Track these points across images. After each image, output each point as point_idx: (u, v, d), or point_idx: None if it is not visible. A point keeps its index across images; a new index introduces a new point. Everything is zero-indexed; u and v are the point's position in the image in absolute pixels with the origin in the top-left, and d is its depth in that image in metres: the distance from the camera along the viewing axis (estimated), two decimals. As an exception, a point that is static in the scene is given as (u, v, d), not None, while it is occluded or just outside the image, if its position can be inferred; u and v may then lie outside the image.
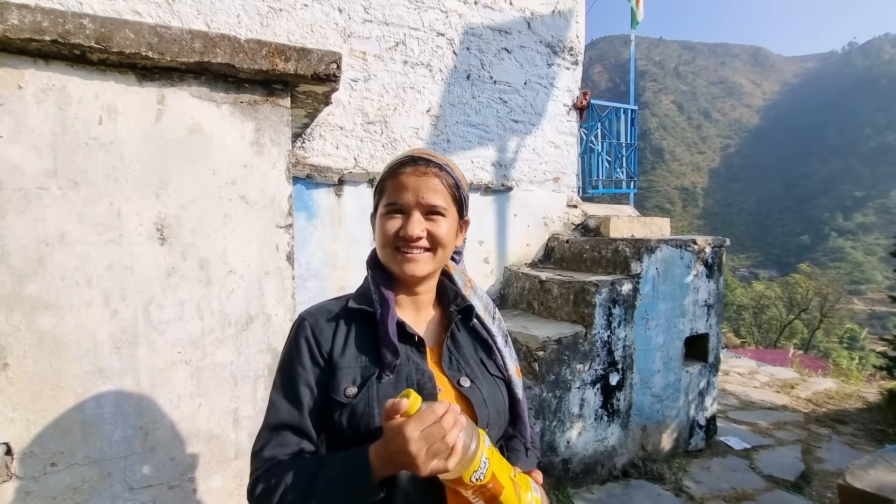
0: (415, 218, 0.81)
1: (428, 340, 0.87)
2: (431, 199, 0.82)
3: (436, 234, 0.82)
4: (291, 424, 0.78)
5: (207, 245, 1.37)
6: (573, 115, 3.96)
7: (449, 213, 0.85)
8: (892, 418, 4.11)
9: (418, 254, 0.82)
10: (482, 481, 0.66)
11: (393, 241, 0.82)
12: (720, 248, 3.56)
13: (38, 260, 1.19)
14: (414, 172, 0.82)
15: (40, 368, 1.20)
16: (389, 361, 0.79)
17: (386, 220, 0.83)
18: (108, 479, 1.28)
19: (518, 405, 0.92)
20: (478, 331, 0.92)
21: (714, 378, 3.64)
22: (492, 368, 0.90)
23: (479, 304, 0.93)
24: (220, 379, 1.41)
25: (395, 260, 0.83)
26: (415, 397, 0.65)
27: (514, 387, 0.92)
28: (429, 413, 0.63)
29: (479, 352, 0.91)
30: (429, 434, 0.62)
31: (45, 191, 1.19)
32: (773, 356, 11.33)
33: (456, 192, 0.86)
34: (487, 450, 0.68)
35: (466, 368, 0.86)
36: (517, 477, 0.74)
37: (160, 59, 1.24)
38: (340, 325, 0.84)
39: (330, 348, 0.81)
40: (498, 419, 0.86)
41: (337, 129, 3.02)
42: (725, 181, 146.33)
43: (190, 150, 1.34)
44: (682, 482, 3.07)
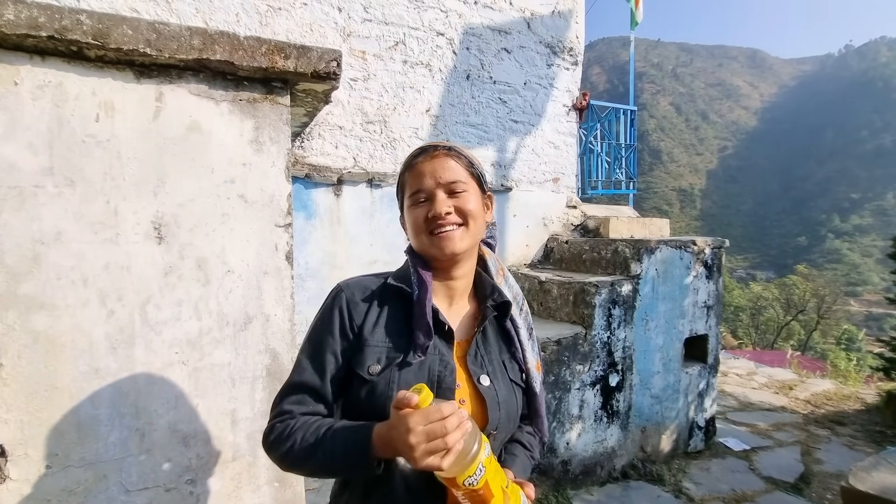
0: (440, 198, 0.83)
1: (459, 334, 0.88)
2: (450, 176, 0.84)
3: (463, 208, 0.84)
4: (312, 387, 0.82)
5: (205, 244, 1.35)
6: (573, 116, 3.96)
7: (470, 186, 0.87)
8: (891, 420, 4.11)
9: (452, 230, 0.83)
10: (474, 486, 0.68)
11: (425, 226, 0.84)
12: (719, 249, 3.56)
13: (33, 259, 1.17)
14: (427, 158, 0.86)
15: (35, 369, 1.18)
16: (422, 343, 0.80)
17: (414, 209, 0.86)
18: (103, 482, 1.26)
19: (535, 399, 0.93)
20: (506, 329, 0.92)
21: (713, 379, 3.63)
22: (512, 373, 0.89)
23: (509, 295, 0.92)
24: (218, 380, 1.39)
25: (432, 243, 0.84)
26: (427, 393, 0.67)
27: (533, 381, 0.92)
28: (435, 411, 0.65)
29: (503, 353, 0.90)
30: (430, 430, 0.64)
31: (40, 189, 1.17)
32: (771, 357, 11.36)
33: (471, 168, 0.88)
34: (486, 458, 0.70)
35: (489, 367, 0.86)
36: (509, 488, 0.75)
37: (158, 55, 1.23)
38: (375, 303, 0.86)
39: (361, 323, 0.83)
40: (508, 424, 0.87)
41: (336, 129, 3.00)
42: (723, 183, 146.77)
43: (188, 149, 1.33)
44: (682, 483, 3.07)
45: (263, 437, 0.82)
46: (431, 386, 0.79)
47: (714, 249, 3.50)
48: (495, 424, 0.82)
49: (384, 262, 3.11)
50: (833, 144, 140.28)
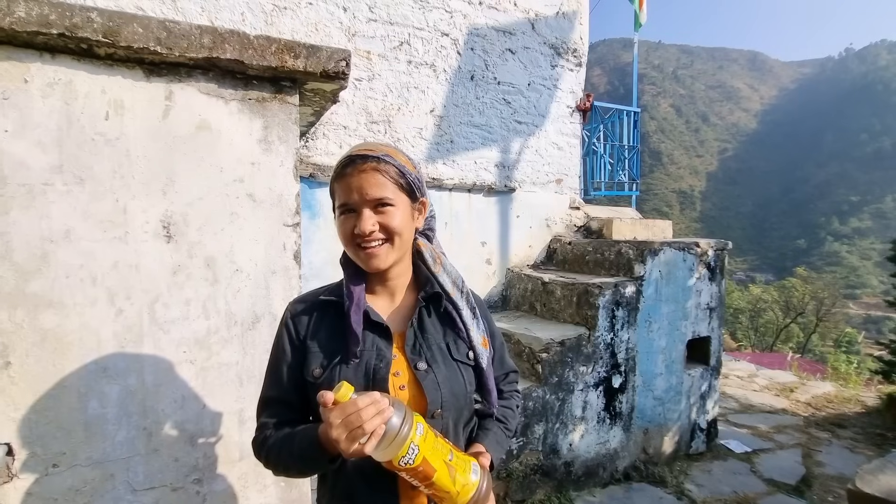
0: (365, 215, 0.86)
1: (397, 326, 0.93)
2: (375, 192, 0.86)
3: (388, 225, 0.87)
4: (276, 399, 0.92)
5: (214, 243, 1.35)
6: (576, 117, 3.95)
7: (397, 201, 0.88)
8: (892, 423, 4.11)
9: (377, 246, 0.87)
10: (411, 465, 0.74)
11: (352, 239, 0.88)
12: (722, 251, 3.56)
13: (42, 257, 1.17)
14: (354, 171, 0.86)
15: (43, 367, 1.18)
16: (352, 349, 0.87)
17: (342, 221, 0.89)
18: (110, 481, 1.26)
19: (483, 374, 0.97)
20: (449, 314, 0.96)
21: (715, 381, 3.63)
22: (456, 353, 0.94)
23: (447, 281, 0.98)
24: (226, 379, 1.39)
25: (359, 257, 0.89)
26: (345, 389, 0.73)
27: (479, 357, 0.96)
28: (350, 404, 0.71)
29: (447, 336, 0.95)
30: (347, 422, 0.70)
31: (49, 187, 1.17)
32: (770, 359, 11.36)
33: (401, 179, 0.89)
34: (420, 437, 0.75)
35: (427, 353, 0.90)
36: (454, 460, 0.79)
37: (168, 54, 1.23)
38: (315, 314, 0.93)
39: (304, 333, 0.91)
40: (455, 401, 0.90)
41: (340, 129, 3.00)
42: (723, 185, 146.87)
43: (197, 147, 1.32)
44: (684, 485, 3.07)
45: (252, 449, 0.93)
46: (368, 379, 0.86)
47: (717, 251, 3.50)
48: (437, 404, 0.87)
49: (387, 262, 3.10)
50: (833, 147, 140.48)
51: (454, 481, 0.78)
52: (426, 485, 0.77)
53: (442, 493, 0.79)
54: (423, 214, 0.98)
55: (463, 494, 0.80)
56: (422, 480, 0.77)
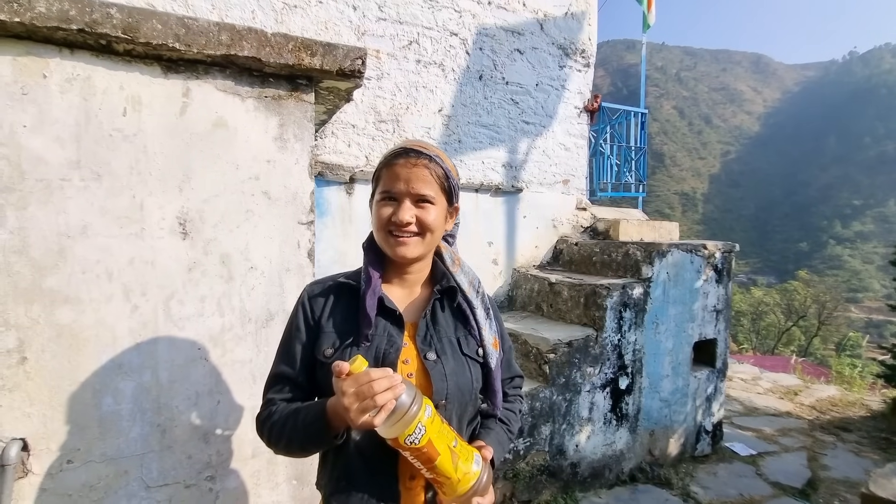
0: (405, 205, 0.89)
1: (411, 316, 0.96)
2: (421, 188, 0.89)
3: (424, 220, 0.90)
4: (286, 376, 0.93)
5: (229, 240, 1.35)
6: (584, 118, 3.95)
7: (437, 201, 0.92)
8: (898, 427, 4.10)
9: (408, 238, 0.90)
10: (416, 445, 0.74)
11: (386, 225, 0.90)
12: (730, 254, 3.55)
13: (58, 252, 1.17)
14: (406, 164, 0.90)
15: (59, 363, 1.18)
16: (364, 332, 0.89)
17: (380, 206, 0.91)
18: (124, 477, 1.26)
19: (490, 374, 0.98)
20: (462, 310, 0.99)
21: (721, 384, 3.62)
22: (466, 348, 0.96)
23: (464, 280, 1.01)
24: (239, 376, 1.39)
25: (388, 243, 0.91)
26: (360, 362, 0.74)
27: (489, 357, 0.97)
28: (364, 375, 0.72)
29: (458, 331, 0.97)
30: (360, 392, 0.71)
31: (67, 182, 1.17)
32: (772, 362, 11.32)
33: (445, 182, 0.93)
34: (428, 419, 0.75)
35: (437, 345, 0.92)
36: (458, 448, 0.80)
37: (187, 50, 1.23)
38: (332, 297, 0.96)
39: (319, 315, 0.94)
40: (460, 396, 0.92)
41: (349, 127, 3.00)
42: (725, 187, 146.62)
43: (214, 144, 1.32)
44: (690, 488, 3.06)
45: (256, 425, 0.94)
46: (377, 363, 0.87)
47: (724, 254, 3.49)
48: (443, 395, 0.89)
49: (394, 262, 3.10)
50: (836, 150, 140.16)
51: (456, 468, 0.78)
52: (428, 468, 0.77)
53: (442, 479, 0.79)
54: (453, 220, 1.02)
55: (463, 482, 0.80)
56: (424, 463, 0.77)
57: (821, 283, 35.15)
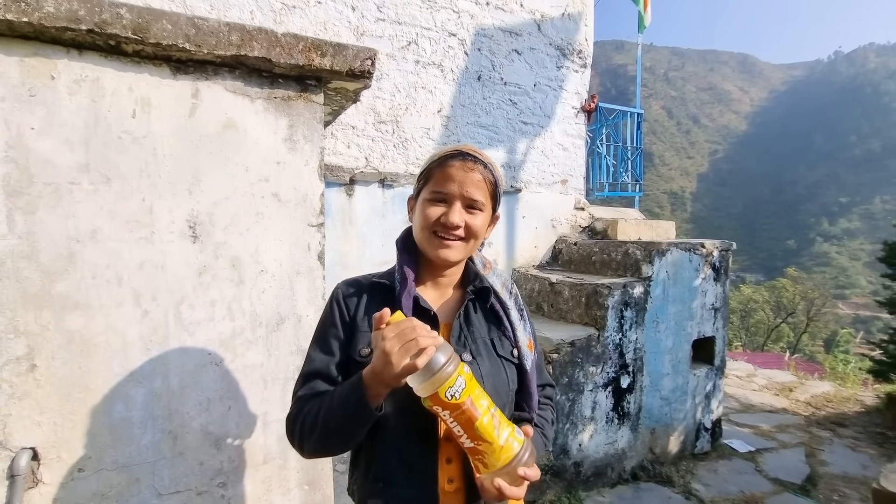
0: (456, 208, 0.89)
1: (444, 317, 0.94)
2: (474, 193, 0.89)
3: (472, 226, 0.90)
4: (321, 372, 0.90)
5: (240, 243, 1.33)
6: (581, 118, 3.97)
7: (485, 208, 0.93)
8: (892, 422, 4.17)
9: (453, 241, 0.90)
10: (457, 400, 0.72)
11: (433, 226, 0.89)
12: (727, 252, 3.59)
13: (68, 257, 1.14)
14: (462, 167, 0.89)
15: (69, 370, 1.16)
16: None
17: (429, 205, 0.90)
18: (136, 485, 1.24)
19: (526, 376, 0.96)
20: (495, 311, 0.97)
21: (720, 381, 3.66)
22: (501, 349, 0.95)
23: (497, 282, 1.00)
24: (250, 381, 1.37)
25: (432, 244, 0.90)
26: (399, 313, 0.75)
27: (524, 358, 0.96)
28: (405, 321, 0.73)
29: (492, 332, 0.96)
30: (402, 333, 0.71)
31: (76, 186, 1.15)
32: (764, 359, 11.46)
33: (494, 189, 0.94)
34: (466, 375, 0.74)
35: (472, 346, 0.91)
36: (497, 413, 0.77)
37: (197, 51, 1.21)
38: (365, 296, 0.94)
39: (354, 313, 0.92)
40: (496, 397, 0.89)
41: (349, 128, 2.99)
42: (714, 186, 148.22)
43: (223, 146, 1.31)
44: (691, 485, 3.08)
45: (286, 426, 0.90)
46: None
47: (722, 252, 3.53)
48: None
49: (396, 263, 3.09)
50: (822, 149, 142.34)
51: (498, 433, 0.75)
52: (469, 433, 0.74)
53: (484, 445, 0.74)
54: (493, 227, 1.01)
55: (506, 449, 0.75)
56: (464, 425, 0.74)
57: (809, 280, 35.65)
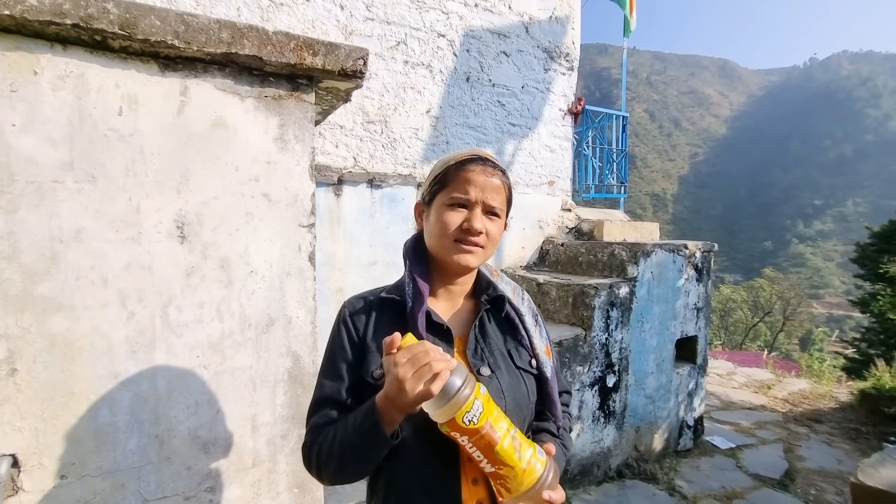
0: (478, 213, 0.86)
1: (458, 329, 0.91)
2: (494, 199, 0.88)
3: (491, 232, 0.88)
4: (332, 398, 0.87)
5: (229, 244, 1.31)
6: (568, 120, 4.01)
7: (502, 215, 0.91)
8: (865, 417, 4.31)
9: (475, 248, 0.87)
10: (476, 424, 0.70)
11: (455, 232, 0.86)
12: (709, 253, 3.66)
13: (51, 258, 1.11)
14: (483, 172, 0.87)
15: (51, 374, 1.12)
16: None
17: (448, 211, 0.87)
18: (121, 491, 1.21)
19: (547, 384, 0.94)
20: (510, 320, 0.95)
21: (702, 379, 3.73)
22: (519, 360, 0.91)
23: (507, 289, 0.98)
24: (239, 384, 1.35)
25: (453, 250, 0.87)
26: (410, 336, 0.72)
27: (543, 366, 0.94)
28: (417, 344, 0.71)
29: (507, 342, 0.93)
30: (415, 358, 0.69)
31: (59, 184, 1.12)
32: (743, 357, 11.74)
33: (509, 195, 0.93)
34: (483, 397, 0.72)
35: (490, 359, 0.88)
36: (517, 434, 0.75)
37: (186, 48, 1.19)
38: (374, 313, 0.91)
39: (363, 333, 0.89)
40: (517, 411, 0.87)
41: (337, 128, 2.96)
42: (694, 188, 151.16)
43: (212, 145, 1.28)
44: (675, 482, 3.14)
45: (302, 455, 0.87)
46: None
47: (704, 253, 3.60)
48: None
49: (384, 264, 3.08)
50: (798, 153, 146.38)
51: (520, 455, 0.72)
52: (489, 458, 0.72)
53: (505, 469, 0.72)
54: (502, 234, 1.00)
55: (529, 473, 0.73)
56: (484, 450, 0.71)
57: (785, 280, 36.57)
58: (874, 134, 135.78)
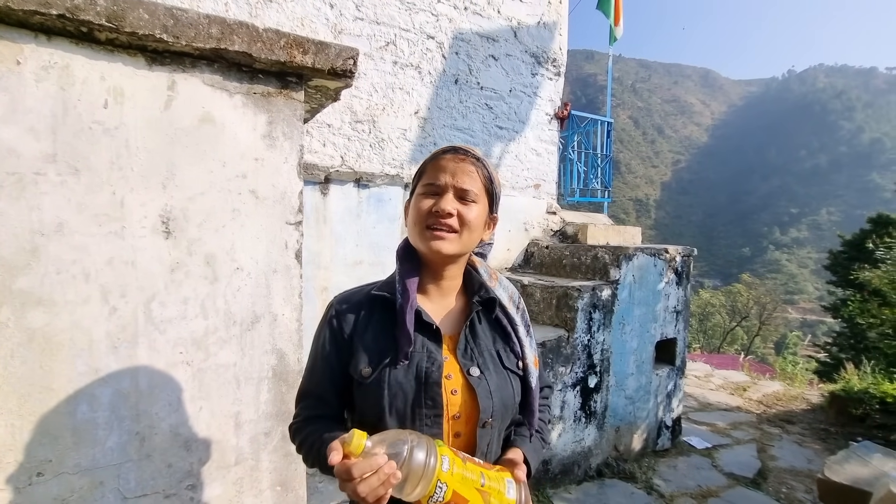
0: (448, 196, 0.86)
1: (448, 329, 0.92)
2: (465, 183, 0.87)
3: (465, 216, 0.87)
4: (313, 393, 0.92)
5: (214, 240, 1.31)
6: (554, 125, 4.06)
7: (480, 201, 0.90)
8: (834, 418, 4.45)
9: (445, 232, 0.86)
10: (442, 501, 0.72)
11: (425, 218, 0.87)
12: (688, 258, 3.75)
13: (31, 251, 1.09)
14: (454, 158, 0.89)
15: (29, 369, 1.10)
16: (404, 349, 0.84)
17: (421, 199, 0.88)
18: (99, 489, 1.19)
19: (530, 394, 0.95)
20: (500, 322, 0.96)
21: (680, 381, 3.82)
22: (507, 361, 0.93)
23: (503, 295, 0.98)
24: (223, 381, 1.34)
25: (424, 236, 0.87)
26: (357, 438, 0.69)
27: (530, 376, 0.95)
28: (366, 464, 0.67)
29: (497, 343, 0.94)
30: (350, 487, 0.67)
31: (42, 176, 1.10)
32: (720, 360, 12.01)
33: (489, 185, 0.91)
34: (447, 472, 0.72)
35: (479, 359, 0.89)
36: (487, 485, 0.76)
37: (174, 42, 1.18)
38: (363, 312, 0.91)
39: (351, 331, 0.89)
40: (504, 411, 0.89)
41: (324, 126, 2.96)
42: (676, 194, 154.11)
43: (200, 140, 1.28)
44: (653, 481, 3.20)
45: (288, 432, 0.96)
46: (419, 383, 0.84)
47: (684, 257, 3.69)
48: (489, 413, 0.86)
49: (369, 263, 3.08)
50: (775, 162, 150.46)
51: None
52: None
53: None
54: (491, 230, 0.99)
55: None
56: None
57: (762, 285, 37.49)
58: (847, 146, 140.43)
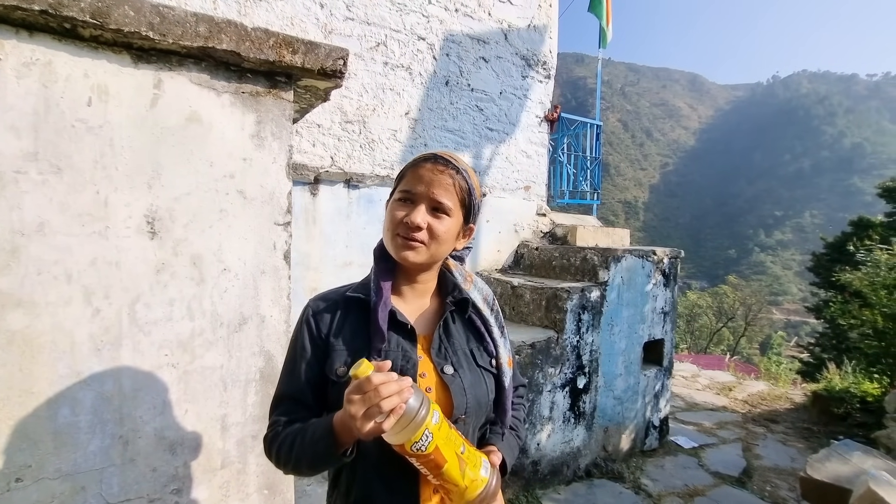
0: (420, 209, 0.86)
1: (423, 329, 0.93)
2: (440, 196, 0.87)
3: (435, 230, 0.87)
4: (291, 396, 0.89)
5: (201, 241, 1.29)
6: (544, 127, 4.08)
7: (454, 213, 0.89)
8: (817, 417, 4.53)
9: (416, 244, 0.87)
10: (423, 452, 0.73)
11: (396, 226, 0.88)
12: (676, 259, 3.79)
13: (11, 252, 1.07)
14: (433, 168, 0.88)
15: (9, 372, 1.08)
16: (377, 347, 0.85)
17: (396, 206, 0.89)
18: (81, 494, 1.17)
19: (503, 393, 0.97)
20: (474, 322, 0.98)
21: (668, 381, 3.86)
22: (481, 359, 0.94)
23: (478, 297, 1.00)
24: (209, 384, 1.32)
25: (395, 243, 0.88)
26: (365, 366, 0.71)
27: (503, 375, 0.97)
28: (366, 381, 0.69)
29: (470, 342, 0.95)
30: (366, 398, 0.68)
31: (22, 175, 1.08)
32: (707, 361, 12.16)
33: (467, 196, 0.91)
34: (435, 425, 0.74)
35: (453, 358, 0.91)
36: (465, 454, 0.79)
37: (161, 40, 1.16)
38: (339, 312, 0.92)
39: (327, 331, 0.90)
40: (478, 408, 0.91)
41: (314, 127, 2.94)
42: (664, 197, 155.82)
43: (187, 140, 1.26)
44: (641, 481, 3.23)
45: (264, 446, 0.90)
46: None
47: (672, 259, 3.73)
48: (462, 410, 0.88)
49: (359, 264, 3.06)
50: (761, 165, 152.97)
51: (463, 475, 0.78)
52: (435, 475, 0.77)
53: (450, 486, 0.78)
54: (466, 240, 0.99)
55: (471, 490, 0.79)
56: (431, 469, 0.76)
57: (747, 287, 38.02)
58: (830, 150, 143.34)
